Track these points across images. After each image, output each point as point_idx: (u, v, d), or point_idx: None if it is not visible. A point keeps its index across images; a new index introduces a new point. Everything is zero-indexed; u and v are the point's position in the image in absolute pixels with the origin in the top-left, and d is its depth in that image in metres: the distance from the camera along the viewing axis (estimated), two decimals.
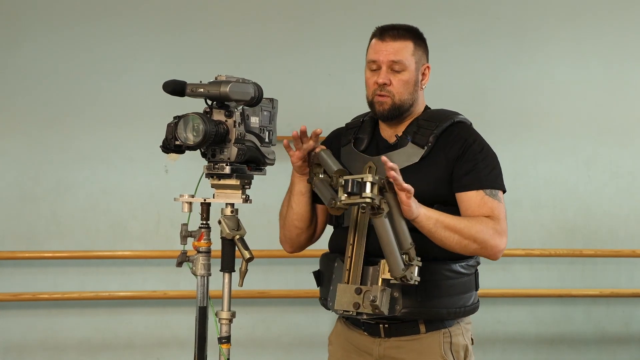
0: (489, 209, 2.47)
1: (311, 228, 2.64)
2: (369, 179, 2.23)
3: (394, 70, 2.53)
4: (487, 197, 2.48)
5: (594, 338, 4.90)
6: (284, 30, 4.76)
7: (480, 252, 2.46)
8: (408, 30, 2.57)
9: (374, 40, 2.57)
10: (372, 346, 2.54)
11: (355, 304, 2.39)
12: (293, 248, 2.70)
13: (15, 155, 4.60)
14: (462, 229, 2.41)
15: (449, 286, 2.48)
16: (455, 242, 2.41)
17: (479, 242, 2.42)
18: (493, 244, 2.45)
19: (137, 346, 4.66)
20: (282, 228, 2.67)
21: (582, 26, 4.90)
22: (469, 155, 2.50)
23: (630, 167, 4.91)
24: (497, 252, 2.49)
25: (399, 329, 2.51)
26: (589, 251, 4.80)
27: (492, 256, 2.49)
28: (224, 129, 2.41)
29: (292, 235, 2.64)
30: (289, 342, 4.74)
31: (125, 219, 4.65)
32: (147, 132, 4.48)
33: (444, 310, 2.48)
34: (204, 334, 2.48)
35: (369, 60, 2.56)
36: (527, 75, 4.87)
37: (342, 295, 2.42)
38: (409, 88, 2.54)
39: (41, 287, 4.55)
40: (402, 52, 2.53)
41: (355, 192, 2.23)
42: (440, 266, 2.46)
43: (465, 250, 2.43)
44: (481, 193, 2.48)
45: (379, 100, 2.53)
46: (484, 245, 2.43)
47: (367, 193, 2.23)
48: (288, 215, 2.61)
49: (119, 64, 4.65)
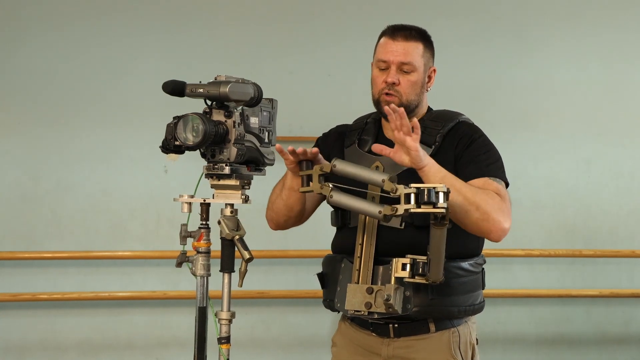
0: (495, 188, 2.44)
1: (298, 216, 2.64)
2: (442, 189, 2.17)
3: (403, 71, 2.53)
4: (492, 181, 2.46)
5: (594, 338, 4.90)
6: (284, 31, 4.76)
7: (481, 225, 2.37)
8: (419, 32, 2.59)
9: (385, 38, 2.57)
10: (381, 347, 2.54)
11: (367, 303, 2.38)
12: (277, 227, 2.70)
13: (15, 155, 4.60)
14: (467, 192, 2.35)
15: (459, 284, 2.49)
16: (459, 204, 2.33)
17: (481, 212, 2.35)
18: (496, 218, 2.36)
19: (137, 346, 4.66)
20: (269, 209, 2.66)
21: (582, 26, 4.90)
22: (473, 148, 2.51)
23: (630, 167, 4.91)
24: (499, 230, 2.39)
25: (409, 329, 2.51)
26: (589, 251, 4.80)
27: (493, 232, 2.39)
28: (224, 129, 2.41)
29: (279, 219, 2.65)
30: (288, 343, 4.73)
31: (125, 219, 4.66)
32: (147, 132, 4.48)
33: (454, 309, 2.49)
34: (203, 334, 2.48)
35: (379, 59, 2.56)
36: (527, 75, 4.87)
37: (353, 295, 2.41)
38: (416, 89, 2.55)
39: (41, 288, 4.55)
40: (412, 54, 2.54)
41: (432, 201, 2.16)
42: (451, 264, 2.45)
43: (466, 218, 2.36)
44: (485, 179, 2.46)
45: (385, 100, 2.53)
46: (486, 216, 2.35)
47: (442, 203, 2.16)
48: (277, 203, 2.61)
49: (119, 64, 4.65)
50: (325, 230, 2.71)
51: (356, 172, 2.34)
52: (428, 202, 2.17)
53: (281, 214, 2.62)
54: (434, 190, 2.16)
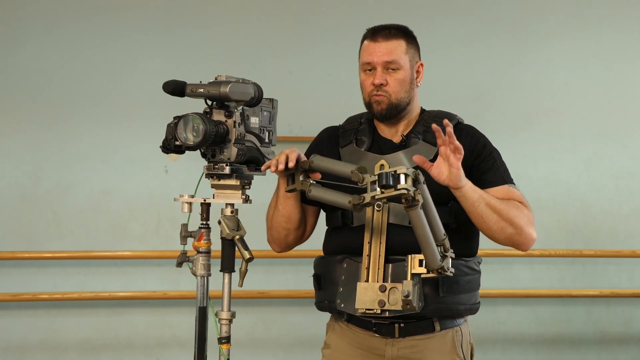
0: (518, 197, 2.51)
1: (300, 229, 2.60)
2: (402, 170, 2.17)
3: (389, 70, 2.53)
4: (512, 188, 2.52)
5: (594, 338, 4.90)
6: (284, 30, 4.76)
7: (514, 238, 2.46)
8: (398, 29, 2.58)
9: (366, 42, 2.58)
10: (385, 347, 2.51)
11: (381, 301, 2.37)
12: (281, 248, 2.66)
13: (15, 155, 4.59)
14: (501, 210, 2.42)
15: (467, 282, 2.50)
16: (494, 221, 2.42)
17: (515, 227, 2.44)
18: (527, 232, 2.46)
19: (137, 346, 4.66)
20: (269, 230, 2.62)
21: (582, 26, 4.90)
22: (485, 154, 2.54)
23: (630, 167, 4.91)
24: (530, 242, 2.49)
25: (414, 328, 2.50)
26: (589, 251, 4.80)
27: (524, 244, 2.48)
28: (224, 129, 2.41)
29: (280, 236, 2.60)
30: (288, 342, 4.73)
31: (125, 219, 4.65)
32: (147, 132, 4.47)
33: (462, 307, 2.49)
34: (204, 334, 2.48)
35: (363, 63, 2.57)
36: (527, 75, 4.87)
37: (364, 294, 2.39)
38: (405, 86, 2.54)
39: (41, 287, 4.55)
40: (395, 52, 2.54)
41: (391, 184, 2.16)
42: (459, 262, 2.46)
43: (501, 233, 2.44)
44: (506, 187, 2.52)
45: (376, 100, 2.54)
46: (519, 230, 2.45)
47: (403, 184, 2.16)
48: (275, 217, 2.57)
49: (119, 64, 4.65)
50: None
51: (330, 166, 2.36)
52: (387, 185, 2.16)
53: (280, 227, 2.57)
54: (391, 173, 2.16)
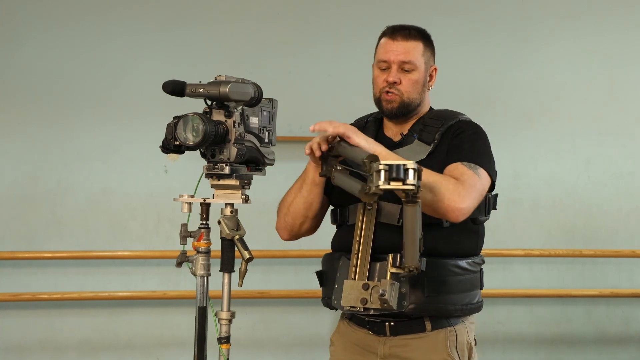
0: (459, 173, 2.43)
1: (316, 218, 2.62)
2: (411, 165, 2.13)
3: (404, 70, 2.55)
4: (462, 165, 2.45)
5: (594, 338, 4.90)
6: (283, 30, 4.76)
7: (436, 206, 2.36)
8: (418, 30, 2.60)
9: (385, 39, 2.59)
10: (377, 345, 2.53)
11: (363, 299, 2.37)
12: (291, 236, 2.65)
13: (15, 155, 4.60)
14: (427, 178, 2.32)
15: (456, 282, 2.49)
16: None
17: (435, 193, 2.34)
18: (450, 198, 2.35)
19: (137, 346, 4.66)
20: (284, 215, 2.63)
21: (582, 26, 4.90)
22: (459, 138, 2.52)
23: (630, 167, 4.91)
24: (455, 210, 2.36)
25: (405, 327, 2.50)
26: (589, 251, 4.80)
27: (449, 213, 2.37)
28: (224, 129, 2.41)
29: (295, 222, 2.61)
30: (288, 342, 4.73)
31: (125, 219, 4.66)
32: (147, 132, 4.47)
33: (450, 307, 2.49)
34: (203, 334, 2.48)
35: (379, 60, 2.58)
36: (527, 75, 4.87)
37: (349, 291, 2.40)
38: (418, 88, 2.57)
39: (41, 287, 4.55)
40: (412, 53, 2.56)
41: (400, 177, 2.13)
42: (447, 262, 2.46)
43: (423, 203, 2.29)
44: (458, 164, 2.45)
45: (386, 99, 2.56)
46: (440, 197, 2.34)
47: (411, 180, 2.12)
48: (295, 202, 2.58)
49: (119, 64, 4.65)
50: (325, 229, 2.70)
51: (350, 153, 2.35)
52: (397, 178, 2.13)
53: (300, 214, 2.58)
54: (403, 166, 2.13)
